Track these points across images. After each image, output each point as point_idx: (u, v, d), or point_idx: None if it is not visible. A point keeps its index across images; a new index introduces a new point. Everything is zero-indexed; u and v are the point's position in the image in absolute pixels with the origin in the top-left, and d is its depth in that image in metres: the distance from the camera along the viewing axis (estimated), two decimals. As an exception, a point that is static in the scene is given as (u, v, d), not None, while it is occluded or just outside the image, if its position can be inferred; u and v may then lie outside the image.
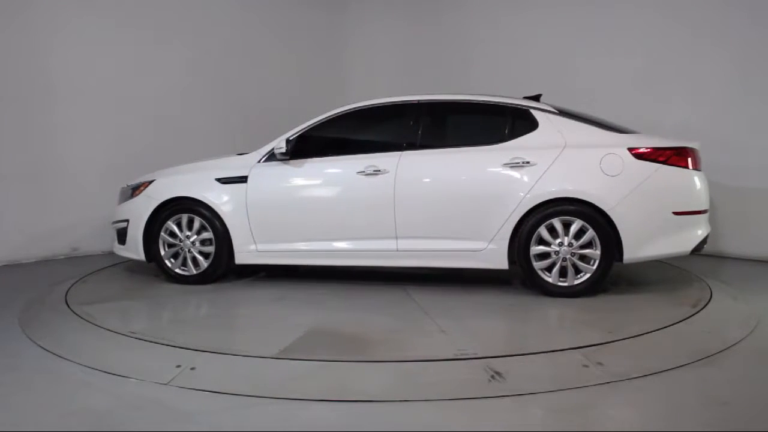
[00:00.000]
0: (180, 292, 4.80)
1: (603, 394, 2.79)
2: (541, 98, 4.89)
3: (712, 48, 5.98)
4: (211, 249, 4.98)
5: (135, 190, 5.29)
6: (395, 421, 2.56)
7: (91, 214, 6.49)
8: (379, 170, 4.65)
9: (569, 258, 4.39)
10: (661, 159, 4.36)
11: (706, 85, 6.02)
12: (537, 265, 4.44)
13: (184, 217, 5.03)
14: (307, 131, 4.93)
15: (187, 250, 5.03)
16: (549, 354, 3.27)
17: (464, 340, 3.52)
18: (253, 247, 4.93)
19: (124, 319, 4.00)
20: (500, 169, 4.50)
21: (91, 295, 4.70)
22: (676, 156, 4.38)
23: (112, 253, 6.44)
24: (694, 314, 3.97)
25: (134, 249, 5.17)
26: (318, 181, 4.88)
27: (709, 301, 4.31)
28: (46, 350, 3.42)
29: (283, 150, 4.82)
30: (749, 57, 5.80)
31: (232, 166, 5.05)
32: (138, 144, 6.77)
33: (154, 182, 5.21)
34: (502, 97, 4.81)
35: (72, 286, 4.97)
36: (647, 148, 4.37)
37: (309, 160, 4.88)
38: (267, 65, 7.88)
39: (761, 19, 5.71)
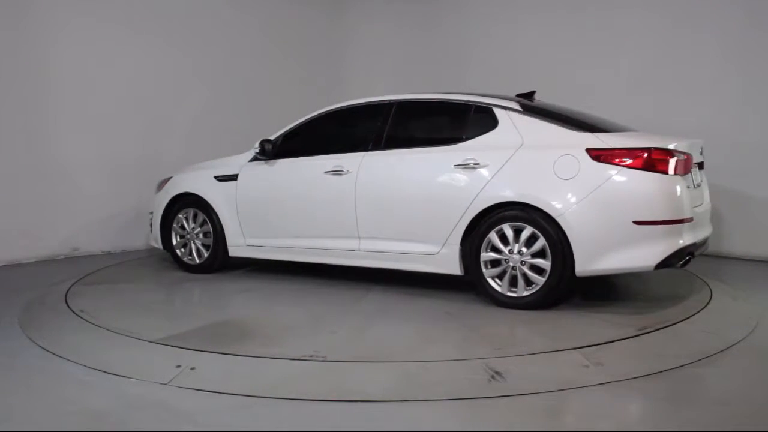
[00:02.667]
0: (175, 288, 4.91)
1: (603, 394, 2.79)
2: (535, 95, 4.73)
3: (711, 48, 5.98)
4: (210, 241, 5.34)
5: (161, 185, 5.76)
6: (395, 421, 2.56)
7: (91, 214, 6.49)
8: (343, 170, 4.70)
9: (519, 267, 4.07)
10: (621, 161, 3.89)
11: (706, 85, 6.02)
12: (487, 272, 4.17)
13: (191, 211, 5.45)
14: (289, 132, 5.14)
15: (192, 241, 5.45)
16: (549, 354, 3.27)
17: (338, 344, 3.53)
18: (242, 241, 5.22)
19: (124, 318, 4.00)
20: (452, 170, 4.30)
21: (91, 295, 4.70)
22: (640, 158, 3.86)
23: (111, 253, 6.49)
24: (694, 314, 3.98)
25: (155, 238, 5.69)
26: (291, 180, 5.01)
27: (709, 301, 4.31)
28: (46, 350, 3.42)
29: (258, 150, 5.10)
30: (749, 57, 5.80)
31: (228, 164, 5.36)
32: (138, 144, 6.77)
33: (172, 178, 5.67)
34: (470, 94, 4.58)
35: (72, 286, 4.96)
36: (606, 148, 3.94)
37: (286, 159, 5.07)
38: (267, 66, 7.86)
39: (761, 18, 5.71)
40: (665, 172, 3.86)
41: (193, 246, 5.45)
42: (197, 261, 5.43)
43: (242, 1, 7.67)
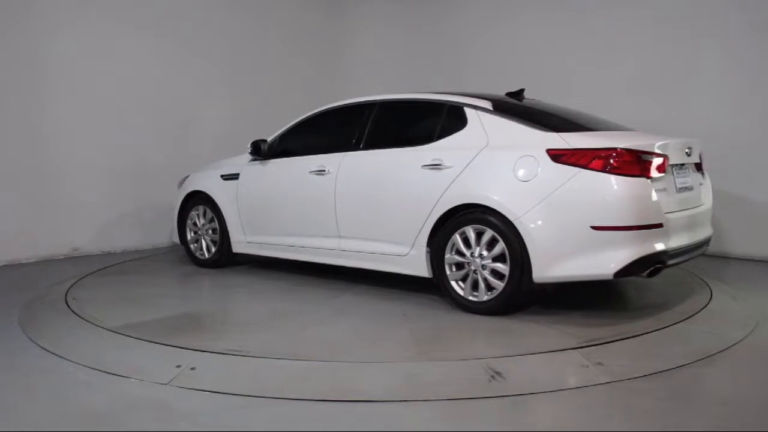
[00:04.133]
0: (174, 286, 5.02)
1: (603, 394, 2.79)
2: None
3: (712, 47, 5.97)
4: (218, 237, 5.58)
5: (181, 182, 6.00)
6: (395, 421, 2.56)
7: (91, 214, 6.49)
8: (325, 170, 4.77)
9: (480, 271, 3.97)
10: (581, 162, 3.68)
11: (707, 85, 6.01)
12: (450, 275, 4.09)
13: (201, 209, 5.69)
14: (284, 133, 5.27)
15: (203, 237, 5.70)
16: (549, 354, 3.27)
17: (272, 340, 3.62)
18: (243, 238, 5.41)
19: (124, 318, 4.00)
20: (419, 171, 4.24)
21: (90, 295, 4.70)
22: (600, 159, 3.64)
23: (111, 253, 6.49)
24: (694, 314, 3.97)
25: (174, 233, 5.98)
26: (281, 180, 5.14)
27: (709, 301, 4.30)
28: (46, 350, 3.42)
29: (250, 151, 5.29)
30: (749, 57, 5.79)
31: (233, 164, 5.55)
32: (138, 144, 6.77)
33: (189, 177, 5.93)
34: (447, 94, 4.52)
35: (72, 286, 4.97)
36: (566, 149, 3.75)
37: (279, 159, 5.21)
38: (267, 66, 7.87)
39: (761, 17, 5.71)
40: (628, 174, 3.62)
41: (203, 242, 5.70)
42: (207, 256, 5.67)
43: (243, 2, 7.67)
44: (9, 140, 5.93)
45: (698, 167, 4.40)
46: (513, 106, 4.40)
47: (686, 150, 4.12)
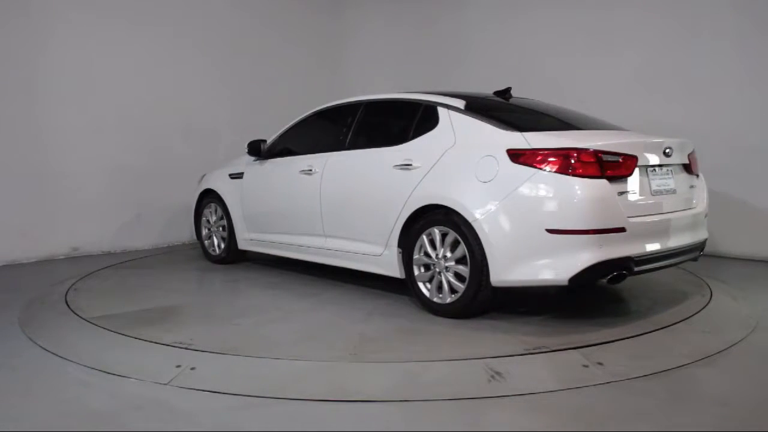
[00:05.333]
0: (173, 285, 4.97)
1: (603, 394, 2.79)
2: (511, 91, 4.56)
3: (711, 47, 5.97)
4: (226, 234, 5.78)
5: (199, 181, 6.20)
6: (395, 421, 2.56)
7: (91, 214, 6.49)
8: (312, 170, 4.85)
9: (444, 273, 3.92)
10: (539, 163, 3.56)
11: (706, 84, 6.01)
12: (418, 276, 4.06)
13: (213, 206, 5.89)
14: (283, 133, 5.39)
15: (214, 233, 5.91)
16: (549, 354, 3.27)
17: (224, 335, 3.68)
18: (247, 235, 5.56)
19: (124, 318, 4.00)
20: (392, 171, 4.22)
21: (90, 294, 4.70)
22: (557, 159, 3.51)
23: (111, 253, 6.49)
24: (694, 314, 3.97)
25: (192, 230, 6.29)
26: (276, 179, 5.26)
27: (709, 301, 4.30)
28: (46, 350, 3.42)
29: (247, 151, 5.46)
30: (749, 57, 5.79)
31: (240, 163, 5.69)
32: (138, 144, 6.77)
33: (205, 176, 6.12)
34: (426, 93, 4.48)
35: (72, 286, 4.97)
36: (524, 149, 3.63)
37: (275, 159, 5.33)
38: (268, 65, 7.87)
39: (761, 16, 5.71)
40: (585, 176, 3.46)
41: (215, 238, 5.91)
42: (217, 252, 5.89)
43: (244, 1, 7.67)
44: (9, 140, 5.93)
45: (687, 168, 4.19)
46: (487, 105, 4.33)
47: (665, 150, 3.89)
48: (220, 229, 5.82)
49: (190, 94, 7.18)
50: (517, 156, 3.63)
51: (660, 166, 3.91)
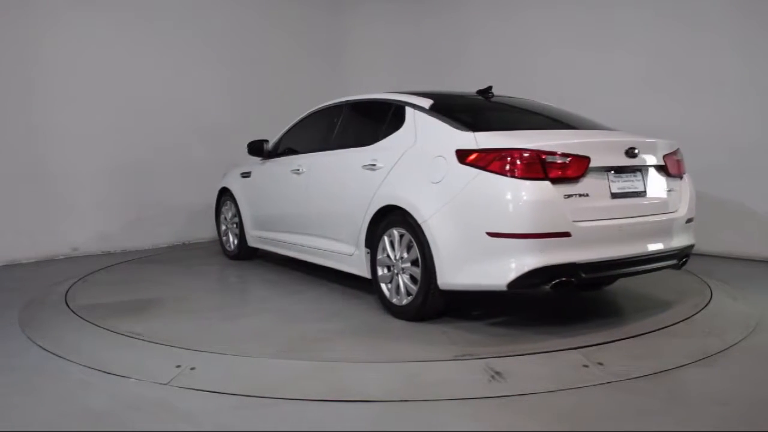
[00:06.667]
0: (171, 282, 5.02)
1: (603, 394, 2.79)
2: (492, 90, 4.41)
3: (711, 47, 5.97)
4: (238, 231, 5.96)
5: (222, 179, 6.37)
6: (395, 421, 2.56)
7: (91, 214, 6.49)
8: (299, 170, 4.97)
9: (401, 274, 3.89)
10: (482, 163, 3.45)
11: (707, 86, 6.01)
12: (381, 276, 4.03)
13: (228, 204, 6.09)
14: (284, 133, 5.52)
15: (230, 231, 6.10)
16: (549, 354, 3.27)
17: (185, 329, 3.81)
18: (254, 232, 5.70)
19: (124, 318, 4.00)
20: (360, 171, 4.22)
21: (90, 295, 4.70)
22: (500, 160, 3.39)
23: (111, 253, 6.49)
24: (694, 314, 3.97)
25: (214, 227, 6.54)
26: (274, 178, 5.41)
27: (709, 301, 4.30)
28: (46, 350, 3.42)
29: (247, 151, 5.64)
30: (750, 57, 5.79)
31: (250, 162, 5.86)
32: (139, 144, 6.77)
33: (225, 174, 6.28)
34: (399, 93, 4.43)
35: (72, 286, 4.97)
36: (471, 149, 3.53)
37: (276, 159, 5.47)
38: (269, 64, 7.87)
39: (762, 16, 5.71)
40: (526, 177, 3.32)
41: (230, 235, 6.10)
42: (232, 248, 6.09)
43: (244, 1, 7.68)
44: (9, 140, 5.93)
45: (664, 170, 3.87)
46: (456, 105, 4.27)
47: (628, 150, 3.64)
48: (234, 226, 6.01)
49: (190, 94, 7.18)
50: (464, 156, 3.54)
51: (624, 167, 3.67)
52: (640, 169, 3.76)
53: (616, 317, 3.95)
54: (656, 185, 3.82)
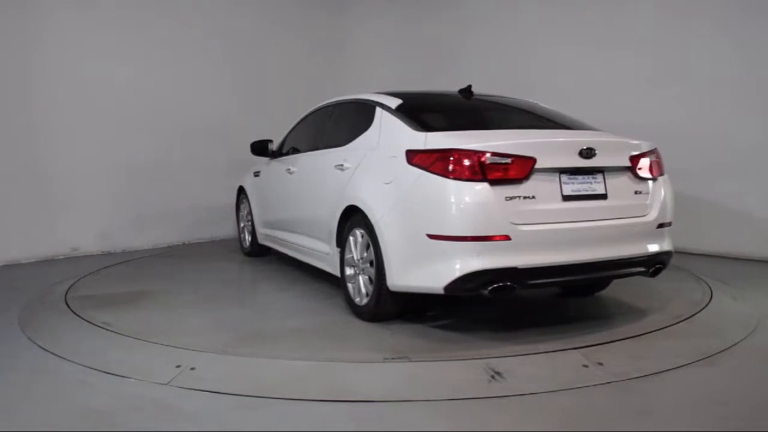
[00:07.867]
0: (170, 280, 4.99)
1: (603, 394, 2.79)
2: (472, 89, 4.37)
3: (711, 47, 5.97)
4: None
5: None
6: (395, 421, 2.56)
7: (91, 214, 6.49)
8: (291, 169, 5.12)
9: (361, 275, 3.87)
10: (425, 164, 3.40)
11: (706, 85, 6.01)
12: (348, 276, 4.01)
13: (245, 202, 6.25)
14: (288, 133, 5.62)
15: (245, 228, 6.31)
16: (549, 354, 3.27)
17: (157, 322, 3.95)
18: (262, 230, 5.84)
19: (124, 318, 4.00)
20: (332, 171, 4.25)
21: (90, 295, 4.70)
22: (441, 161, 3.32)
23: (111, 253, 6.49)
24: (694, 314, 3.97)
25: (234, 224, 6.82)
26: (273, 177, 5.54)
27: (709, 301, 4.30)
28: (46, 350, 3.42)
29: (250, 151, 5.73)
30: (749, 57, 5.79)
31: (261, 162, 5.95)
32: (139, 144, 6.77)
33: (245, 173, 6.37)
34: (374, 94, 4.41)
35: (72, 286, 4.97)
36: (417, 150, 3.48)
37: (279, 158, 5.56)
38: (269, 64, 7.87)
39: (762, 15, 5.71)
40: (465, 179, 3.23)
41: (246, 232, 6.29)
42: (246, 245, 6.28)
43: (244, 1, 7.67)
44: (9, 140, 5.93)
45: (632, 171, 3.65)
46: (424, 105, 4.25)
47: (581, 151, 3.44)
48: (248, 224, 6.19)
49: (191, 94, 7.18)
50: (411, 156, 3.50)
51: (579, 169, 3.47)
52: (602, 171, 3.55)
53: (616, 317, 3.95)
54: (620, 188, 3.60)
